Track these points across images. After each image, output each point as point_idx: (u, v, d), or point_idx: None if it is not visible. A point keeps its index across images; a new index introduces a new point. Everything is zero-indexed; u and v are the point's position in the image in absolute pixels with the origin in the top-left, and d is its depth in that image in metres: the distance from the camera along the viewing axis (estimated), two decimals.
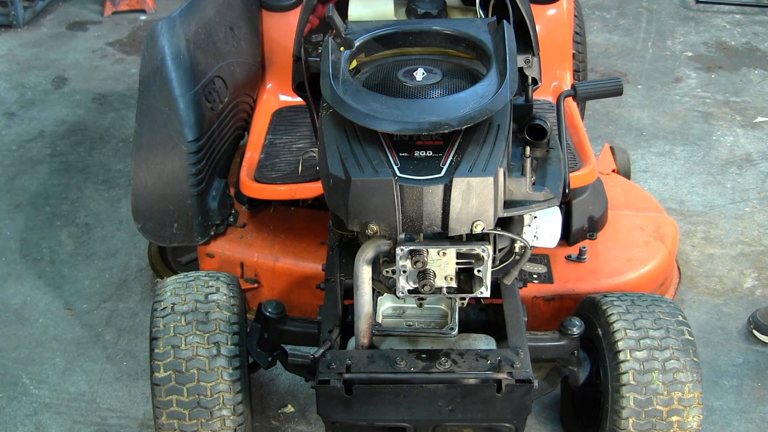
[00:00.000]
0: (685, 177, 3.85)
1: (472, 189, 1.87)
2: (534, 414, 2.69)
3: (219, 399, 2.25)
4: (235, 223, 2.98)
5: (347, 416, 1.90)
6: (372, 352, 2.10)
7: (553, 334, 2.35)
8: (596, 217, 2.91)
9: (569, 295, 2.73)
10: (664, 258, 2.90)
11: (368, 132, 1.96)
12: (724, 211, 3.62)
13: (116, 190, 3.81)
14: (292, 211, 3.05)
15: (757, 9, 5.41)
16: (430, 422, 2.13)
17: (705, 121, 4.27)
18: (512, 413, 2.09)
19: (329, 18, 2.14)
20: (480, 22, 2.31)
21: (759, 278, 3.26)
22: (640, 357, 2.24)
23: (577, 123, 3.01)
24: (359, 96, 2.00)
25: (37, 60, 5.02)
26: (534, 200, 2.11)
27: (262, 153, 2.96)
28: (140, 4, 5.56)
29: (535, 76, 2.38)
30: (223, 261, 2.92)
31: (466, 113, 1.92)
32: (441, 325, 2.24)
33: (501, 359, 2.05)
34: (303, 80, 2.49)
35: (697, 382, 2.23)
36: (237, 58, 3.05)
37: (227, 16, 3.04)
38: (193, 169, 2.73)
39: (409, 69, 2.11)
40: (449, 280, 2.02)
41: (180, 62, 2.70)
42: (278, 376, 2.85)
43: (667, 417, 2.22)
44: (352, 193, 1.90)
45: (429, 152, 1.95)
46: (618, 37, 5.13)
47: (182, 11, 2.77)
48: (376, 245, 2.05)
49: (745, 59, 4.85)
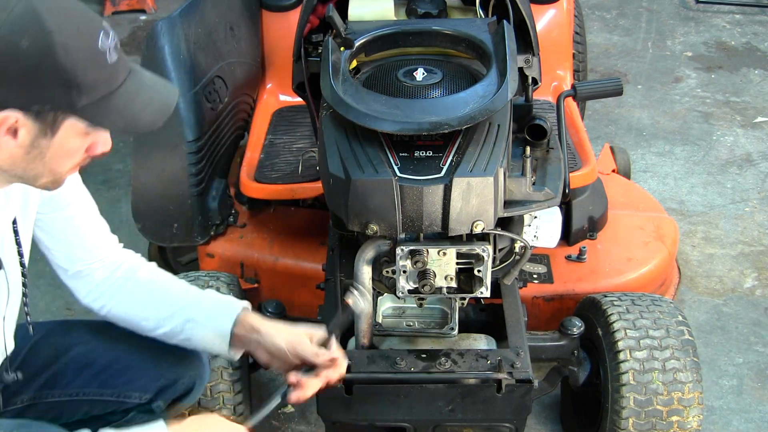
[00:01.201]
0: (685, 177, 3.85)
1: (472, 189, 1.87)
2: (534, 414, 2.69)
3: (219, 399, 2.25)
4: (235, 223, 2.98)
5: (347, 416, 1.90)
6: (372, 352, 2.10)
7: (553, 334, 2.35)
8: (596, 217, 2.91)
9: (569, 295, 2.73)
10: (664, 258, 2.90)
11: (368, 132, 1.96)
12: (724, 211, 3.62)
13: (116, 190, 3.80)
14: (292, 211, 3.05)
15: (757, 9, 5.41)
16: (430, 422, 2.13)
17: (705, 121, 4.26)
18: (512, 413, 2.09)
19: (329, 18, 2.14)
20: (480, 22, 2.31)
21: (759, 278, 3.26)
22: (640, 357, 2.24)
23: (577, 123, 3.01)
24: (359, 96, 2.01)
25: None
26: (534, 200, 2.12)
27: (262, 153, 2.96)
28: (140, 4, 5.56)
29: (535, 76, 2.38)
30: (223, 261, 2.92)
31: (466, 113, 1.92)
32: (441, 325, 2.24)
33: (501, 359, 2.05)
34: (303, 80, 2.49)
35: (697, 382, 2.24)
36: (237, 58, 3.05)
37: (227, 16, 3.04)
38: (193, 169, 2.73)
39: (409, 69, 2.11)
40: (449, 280, 2.02)
41: (180, 62, 2.69)
42: (278, 376, 2.85)
43: (667, 417, 2.22)
44: (352, 193, 1.90)
45: (429, 152, 1.95)
46: (618, 37, 5.13)
47: (182, 11, 2.77)
48: (376, 245, 2.05)
49: (745, 59, 4.85)
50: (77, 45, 1.40)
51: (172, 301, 1.90)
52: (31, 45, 1.37)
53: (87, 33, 1.42)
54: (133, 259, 1.96)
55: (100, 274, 1.90)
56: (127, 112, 1.49)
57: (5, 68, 1.37)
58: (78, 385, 1.92)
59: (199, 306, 1.89)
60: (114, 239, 1.94)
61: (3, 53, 1.36)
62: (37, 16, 1.37)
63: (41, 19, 1.37)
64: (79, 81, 1.41)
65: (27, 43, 1.36)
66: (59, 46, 1.38)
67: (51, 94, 1.40)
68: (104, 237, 1.91)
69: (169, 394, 1.96)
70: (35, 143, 1.45)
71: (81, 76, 1.40)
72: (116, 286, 1.91)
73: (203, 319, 1.87)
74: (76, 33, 1.41)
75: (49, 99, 1.41)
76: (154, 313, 1.89)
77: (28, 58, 1.37)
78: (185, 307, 1.88)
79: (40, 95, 1.40)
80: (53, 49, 1.38)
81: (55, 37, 1.38)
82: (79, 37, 1.41)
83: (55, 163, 1.51)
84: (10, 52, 1.36)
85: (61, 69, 1.39)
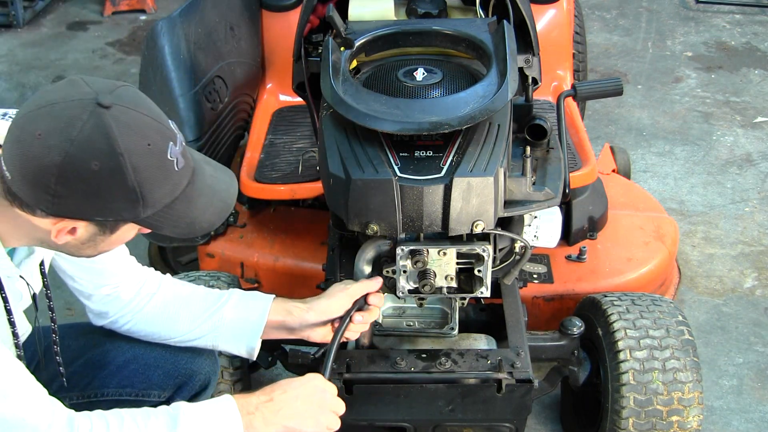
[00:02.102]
0: (685, 177, 3.85)
1: (472, 189, 1.87)
2: (534, 414, 2.69)
3: None
4: (235, 223, 2.98)
5: (347, 416, 1.90)
6: (372, 352, 2.10)
7: (553, 334, 2.35)
8: (596, 217, 2.91)
9: (569, 295, 2.73)
10: (664, 258, 2.90)
11: (368, 132, 1.96)
12: (724, 211, 3.62)
13: None
14: (292, 211, 3.05)
15: (757, 9, 5.41)
16: (430, 422, 2.14)
17: (705, 121, 4.27)
18: (512, 413, 2.09)
19: (329, 18, 2.14)
20: (480, 22, 2.31)
21: (759, 278, 3.26)
22: (640, 357, 2.24)
23: (577, 123, 3.01)
24: (359, 96, 2.00)
25: (37, 60, 5.02)
26: (534, 200, 2.11)
27: (262, 153, 2.96)
28: (140, 4, 5.56)
29: (535, 76, 2.38)
30: (223, 261, 2.92)
31: (466, 113, 1.92)
32: (441, 325, 2.24)
33: (501, 359, 2.05)
34: (303, 80, 2.49)
35: (697, 382, 2.23)
36: (237, 58, 3.05)
37: (227, 16, 3.04)
38: None
39: (409, 69, 2.11)
40: (449, 280, 2.02)
41: (180, 62, 2.70)
42: (278, 376, 2.84)
43: (667, 417, 2.22)
44: (353, 193, 1.90)
45: (429, 152, 1.95)
46: (618, 37, 5.13)
47: (182, 11, 2.77)
48: (376, 245, 2.05)
49: (745, 59, 4.85)
50: (147, 163, 1.39)
51: (198, 316, 1.91)
52: (102, 168, 1.36)
53: (157, 147, 1.41)
54: (154, 275, 1.96)
55: (126, 294, 1.90)
56: (188, 218, 1.50)
57: (74, 186, 1.36)
58: (96, 386, 1.92)
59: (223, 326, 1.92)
60: (133, 259, 1.94)
61: (72, 172, 1.35)
62: (108, 136, 1.36)
63: (113, 141, 1.36)
64: (145, 197, 1.41)
65: (97, 166, 1.35)
66: (129, 167, 1.37)
67: (116, 209, 1.41)
68: (126, 259, 1.91)
69: (186, 391, 1.97)
70: (92, 239, 1.48)
71: (147, 192, 1.41)
72: (143, 304, 1.91)
73: (229, 338, 1.92)
74: (146, 152, 1.39)
75: (113, 213, 1.42)
76: (182, 328, 1.91)
77: (98, 180, 1.36)
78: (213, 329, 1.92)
79: (105, 210, 1.41)
80: (123, 171, 1.37)
81: (125, 159, 1.37)
82: (149, 155, 1.40)
83: (105, 249, 1.54)
84: (80, 172, 1.35)
85: (130, 188, 1.39)
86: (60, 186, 1.36)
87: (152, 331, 1.92)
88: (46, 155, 1.34)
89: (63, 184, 1.36)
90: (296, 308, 1.94)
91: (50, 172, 1.35)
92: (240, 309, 1.92)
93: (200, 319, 1.91)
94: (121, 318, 1.91)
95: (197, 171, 1.52)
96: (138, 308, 1.90)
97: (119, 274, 1.87)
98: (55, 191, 1.36)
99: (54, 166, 1.34)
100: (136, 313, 1.90)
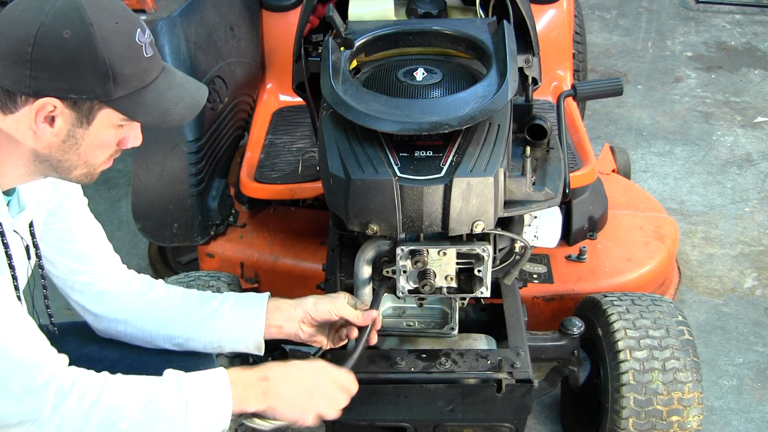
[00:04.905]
0: (685, 177, 3.85)
1: (472, 189, 1.87)
2: (534, 414, 2.69)
3: None
4: (235, 223, 2.98)
5: (347, 416, 1.90)
6: (372, 352, 2.10)
7: (553, 334, 2.35)
8: (596, 217, 2.91)
9: (569, 295, 2.73)
10: (664, 258, 2.90)
11: (368, 132, 1.96)
12: (724, 211, 3.62)
13: (116, 190, 3.80)
14: (292, 211, 3.05)
15: (757, 9, 5.41)
16: (430, 422, 2.13)
17: (705, 121, 4.27)
18: (512, 413, 2.09)
19: (329, 18, 2.14)
20: (480, 22, 2.31)
21: (759, 278, 3.26)
22: (640, 357, 2.24)
23: (577, 123, 3.01)
24: (359, 96, 2.00)
25: None
26: (534, 200, 2.11)
27: (262, 153, 2.96)
28: (140, 4, 5.54)
29: (535, 76, 2.38)
30: (223, 261, 2.92)
31: (466, 113, 1.92)
32: (441, 325, 2.24)
33: (501, 359, 2.05)
34: (303, 80, 2.49)
35: (697, 382, 2.23)
36: (237, 58, 3.05)
37: (227, 16, 3.04)
38: (193, 169, 2.73)
39: (409, 69, 2.11)
40: (449, 280, 2.02)
41: (180, 62, 2.69)
42: None
43: (667, 417, 2.22)
44: (352, 193, 1.90)
45: (429, 152, 1.95)
46: (618, 37, 5.13)
47: (182, 11, 2.77)
48: (376, 245, 2.05)
49: (745, 59, 4.85)
50: (116, 38, 1.48)
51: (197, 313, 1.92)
52: (73, 35, 1.44)
53: (125, 27, 1.51)
54: (145, 277, 1.98)
55: (113, 288, 1.91)
56: (159, 107, 1.56)
57: (47, 56, 1.44)
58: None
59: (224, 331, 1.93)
60: (117, 258, 1.97)
61: (45, 41, 1.44)
62: (79, 8, 1.45)
63: (83, 12, 1.45)
64: (116, 72, 1.48)
65: (68, 34, 1.44)
66: (99, 38, 1.46)
67: (89, 84, 1.47)
68: (107, 251, 1.94)
69: None
70: (71, 132, 1.52)
71: (118, 68, 1.48)
72: (136, 301, 1.92)
73: (234, 337, 1.94)
74: (114, 27, 1.48)
75: (86, 88, 1.48)
76: (181, 327, 1.92)
77: (69, 48, 1.44)
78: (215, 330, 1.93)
79: (78, 84, 1.47)
80: (93, 41, 1.45)
81: (95, 29, 1.45)
82: (117, 30, 1.49)
83: (90, 154, 1.58)
84: (53, 41, 1.44)
85: (100, 60, 1.46)
86: (36, 54, 1.43)
87: (152, 330, 1.92)
88: (23, 28, 1.44)
89: (39, 52, 1.43)
90: (285, 304, 1.98)
91: (27, 42, 1.43)
92: (240, 307, 1.93)
93: (200, 319, 1.91)
94: (116, 317, 1.91)
95: (167, 69, 1.60)
96: (131, 305, 1.91)
97: (97, 263, 1.90)
98: (32, 62, 1.43)
99: (30, 36, 1.43)
100: (131, 310, 1.91)
